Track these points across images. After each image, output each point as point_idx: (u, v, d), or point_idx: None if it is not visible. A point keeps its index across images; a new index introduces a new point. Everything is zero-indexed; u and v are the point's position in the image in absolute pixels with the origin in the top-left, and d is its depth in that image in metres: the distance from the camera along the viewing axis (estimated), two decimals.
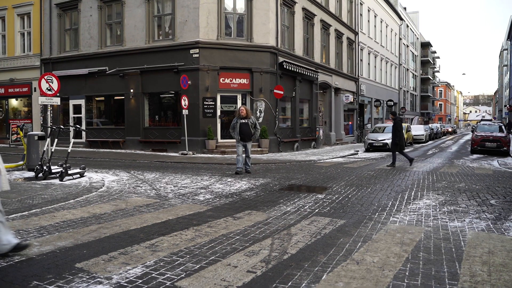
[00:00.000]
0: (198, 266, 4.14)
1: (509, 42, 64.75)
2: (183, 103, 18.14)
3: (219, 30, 19.37)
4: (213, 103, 19.24)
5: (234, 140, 19.94)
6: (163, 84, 20.17)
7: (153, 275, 3.89)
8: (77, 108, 23.08)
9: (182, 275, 3.89)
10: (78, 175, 10.54)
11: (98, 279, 3.77)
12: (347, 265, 4.18)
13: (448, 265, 4.24)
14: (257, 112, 19.93)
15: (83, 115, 22.92)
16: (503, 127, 23.32)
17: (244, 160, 12.01)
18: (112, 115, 22.67)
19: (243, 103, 20.10)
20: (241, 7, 19.94)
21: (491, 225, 5.95)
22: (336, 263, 4.25)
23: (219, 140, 19.53)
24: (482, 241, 5.15)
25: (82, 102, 22.90)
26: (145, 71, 20.39)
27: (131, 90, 20.80)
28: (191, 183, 10.05)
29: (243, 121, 11.81)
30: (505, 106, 73.14)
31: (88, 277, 3.82)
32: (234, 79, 19.66)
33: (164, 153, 19.36)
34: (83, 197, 7.96)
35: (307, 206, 7.19)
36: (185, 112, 18.30)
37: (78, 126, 12.04)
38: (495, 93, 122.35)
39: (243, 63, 19.56)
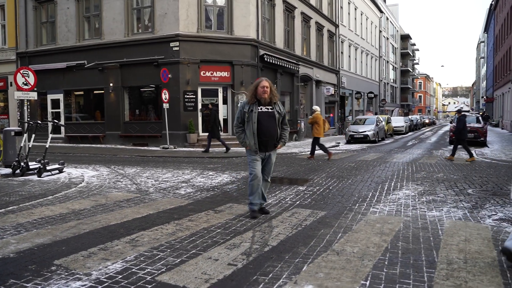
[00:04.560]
0: (178, 260, 4.13)
1: (486, 34, 65.95)
2: (163, 96, 17.99)
3: (199, 23, 19.21)
4: (194, 96, 19.12)
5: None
6: (143, 77, 19.94)
7: (133, 270, 3.86)
8: (56, 103, 22.66)
9: (163, 269, 3.87)
10: (57, 171, 10.37)
11: (77, 276, 3.72)
12: (327, 256, 4.21)
13: (426, 254, 4.31)
14: (238, 105, 19.85)
15: (61, 109, 22.52)
16: (480, 118, 23.77)
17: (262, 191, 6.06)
18: (92, 109, 22.34)
19: (224, 96, 20.02)
20: None
21: (468, 214, 6.07)
22: (317, 254, 4.29)
23: (201, 133, 19.43)
24: (459, 229, 5.25)
25: (60, 96, 22.49)
26: (125, 65, 20.12)
27: (111, 84, 20.51)
28: (172, 177, 9.99)
29: (264, 109, 5.89)
30: (482, 97, 74.58)
31: (67, 273, 3.78)
32: (215, 72, 19.55)
33: (145, 148, 19.19)
34: (62, 193, 7.83)
35: (288, 199, 7.23)
36: (165, 106, 18.16)
37: (56, 121, 11.81)
38: (472, 85, 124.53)
39: (224, 56, 19.46)
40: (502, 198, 7.21)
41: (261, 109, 5.86)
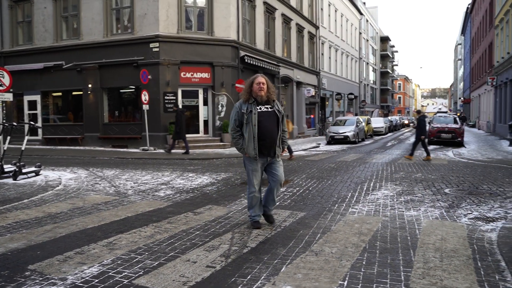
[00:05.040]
0: (156, 263, 4.09)
1: (463, 37, 67.28)
2: (143, 98, 17.82)
3: (180, 24, 19.10)
4: (174, 97, 18.98)
5: (199, 134, 20.11)
6: (122, 79, 19.71)
7: (110, 273, 3.81)
8: (32, 104, 22.24)
9: (140, 273, 3.83)
10: (33, 174, 10.17)
11: (52, 281, 3.65)
12: (306, 257, 4.23)
13: (403, 253, 4.36)
14: (219, 106, 19.84)
15: (38, 111, 22.11)
16: (457, 118, 24.20)
17: (262, 199, 5.53)
18: (70, 111, 21.99)
19: (205, 97, 19.95)
20: (201, 0, 19.71)
21: (445, 213, 6.17)
22: (296, 255, 4.30)
23: None
24: (436, 228, 5.33)
25: (37, 98, 22.08)
26: (104, 66, 19.86)
27: (89, 85, 20.23)
28: (152, 179, 9.90)
29: (264, 108, 5.29)
30: (459, 98, 76.07)
31: (41, 278, 3.70)
32: (195, 73, 19.46)
33: (125, 149, 18.98)
34: (38, 196, 7.69)
35: None
36: (145, 107, 17.99)
37: (32, 122, 11.60)
38: (450, 86, 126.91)
39: (204, 57, 19.38)
40: (478, 197, 7.35)
41: (260, 109, 5.24)
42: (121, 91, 20.93)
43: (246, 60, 20.58)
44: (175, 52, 18.90)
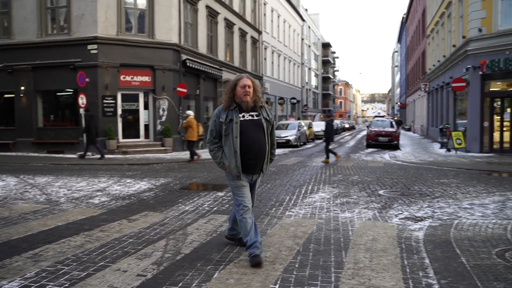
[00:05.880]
0: (84, 273, 3.93)
1: (399, 44, 70.52)
2: (80, 101, 17.14)
3: (119, 26, 18.59)
4: (114, 101, 18.43)
5: (139, 139, 19.63)
6: (58, 81, 18.86)
7: None
8: None
9: (66, 285, 3.66)
10: None
11: None
12: (239, 262, 4.22)
13: (335, 255, 4.46)
14: (160, 110, 19.49)
15: None
16: (393, 122, 25.28)
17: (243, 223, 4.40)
18: (1, 114, 20.75)
19: (145, 101, 19.53)
20: (142, 2, 19.30)
21: (377, 214, 6.39)
22: (229, 260, 4.28)
23: (121, 140, 18.77)
24: (368, 229, 5.51)
25: None
26: (38, 67, 18.91)
27: (22, 88, 19.17)
28: (87, 185, 9.52)
29: (248, 116, 4.38)
30: (396, 103, 79.59)
31: None
32: (135, 77, 19.00)
33: (61, 155, 18.16)
34: None
35: (206, 205, 7.16)
36: (82, 111, 17.31)
37: None
38: (388, 91, 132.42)
39: (145, 60, 18.98)
40: (409, 198, 7.68)
41: (243, 117, 4.32)
42: (57, 94, 20.03)
43: (188, 64, 20.38)
44: (115, 54, 18.37)
